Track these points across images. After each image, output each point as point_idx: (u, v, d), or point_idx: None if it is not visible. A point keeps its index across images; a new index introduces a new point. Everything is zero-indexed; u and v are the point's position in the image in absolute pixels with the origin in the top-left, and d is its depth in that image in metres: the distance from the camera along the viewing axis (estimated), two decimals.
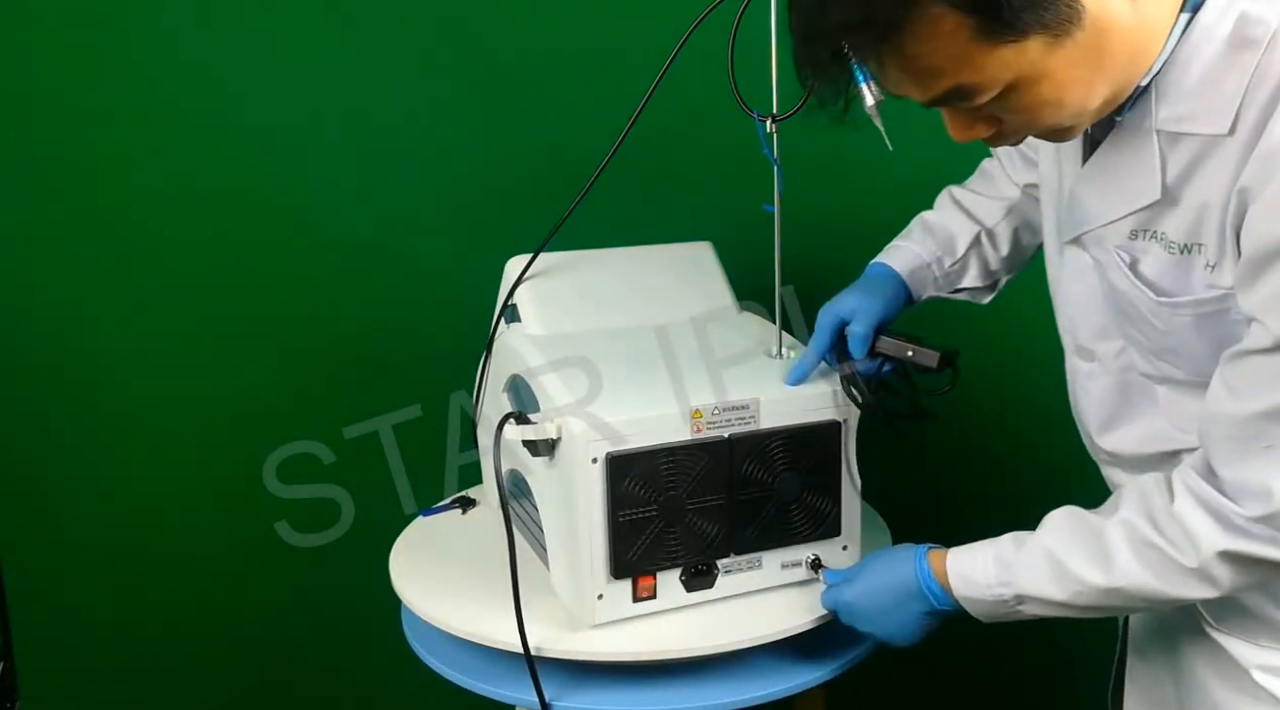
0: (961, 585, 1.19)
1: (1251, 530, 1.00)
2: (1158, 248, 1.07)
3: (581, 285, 1.56)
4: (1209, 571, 1.03)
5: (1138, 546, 1.06)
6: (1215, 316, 1.04)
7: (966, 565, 1.19)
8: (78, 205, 1.77)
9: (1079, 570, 1.10)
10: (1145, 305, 1.09)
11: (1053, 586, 1.12)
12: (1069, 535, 1.12)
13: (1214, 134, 0.99)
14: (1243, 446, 1.00)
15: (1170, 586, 1.05)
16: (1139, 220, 1.08)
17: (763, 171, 1.40)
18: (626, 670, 1.33)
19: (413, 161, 1.83)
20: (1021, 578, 1.14)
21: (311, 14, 1.76)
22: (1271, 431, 0.98)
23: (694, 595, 1.35)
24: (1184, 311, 1.06)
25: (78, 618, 1.90)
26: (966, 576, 1.19)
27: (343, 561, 1.79)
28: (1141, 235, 1.08)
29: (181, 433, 1.85)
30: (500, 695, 1.35)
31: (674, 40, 1.37)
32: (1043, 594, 1.13)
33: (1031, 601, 1.15)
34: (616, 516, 1.28)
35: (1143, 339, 1.13)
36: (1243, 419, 1.00)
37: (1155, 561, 1.05)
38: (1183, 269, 1.05)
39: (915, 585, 1.23)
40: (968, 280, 1.46)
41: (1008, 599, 1.16)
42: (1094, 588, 1.09)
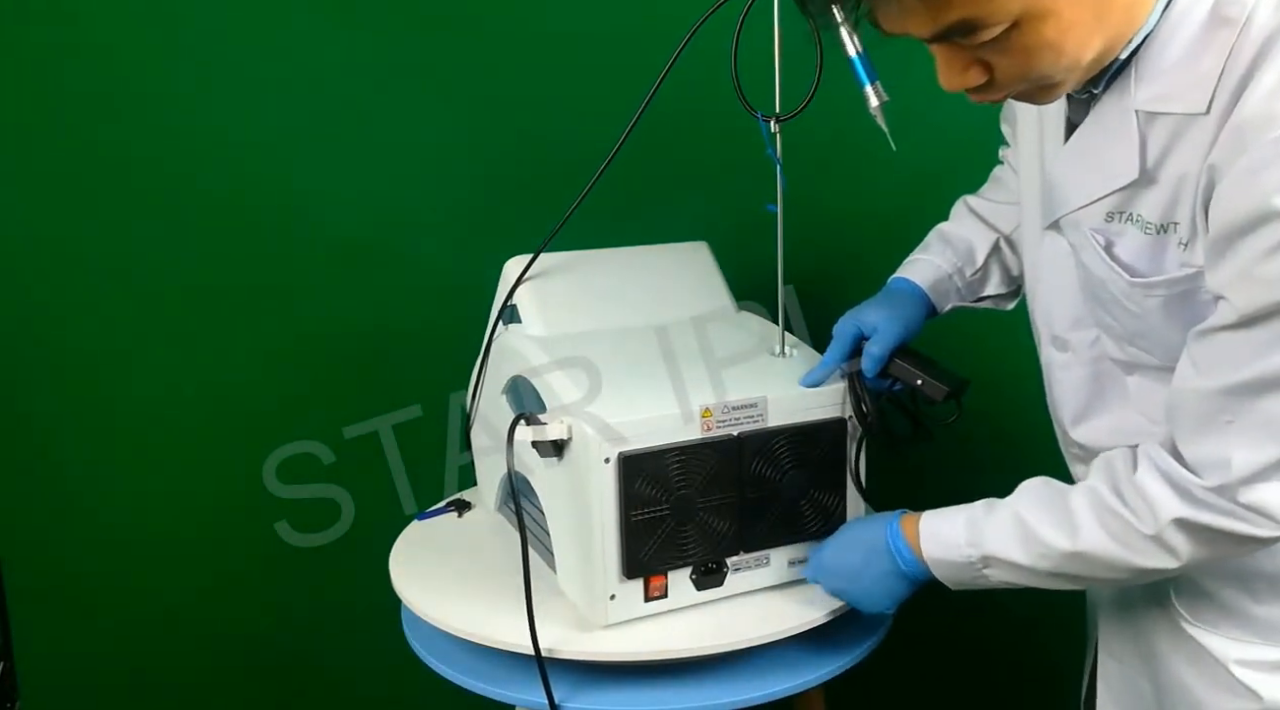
0: (931, 544, 1.22)
1: (1208, 500, 1.02)
2: (1133, 230, 1.07)
3: (582, 285, 1.55)
4: (1166, 540, 1.05)
5: (1100, 512, 1.09)
6: (1186, 297, 1.05)
7: (937, 525, 1.22)
8: (77, 205, 1.76)
9: (1045, 534, 1.12)
10: (1118, 288, 1.10)
11: (1018, 549, 1.14)
12: (1038, 501, 1.15)
13: (1191, 113, 1.00)
14: (1205, 421, 1.02)
15: (1130, 553, 1.07)
16: (1116, 202, 1.08)
17: (763, 171, 1.40)
18: (626, 670, 1.33)
19: (413, 161, 1.83)
20: (989, 539, 1.16)
21: (311, 13, 1.76)
22: (1233, 406, 1.00)
23: (704, 593, 1.36)
24: (1156, 292, 1.07)
25: (78, 618, 1.90)
26: (936, 534, 1.21)
27: (343, 561, 1.79)
28: (1118, 217, 1.09)
29: (181, 433, 1.85)
30: (500, 695, 1.35)
31: (676, 40, 1.37)
32: (1009, 556, 1.15)
33: (997, 565, 1.17)
34: (629, 516, 1.28)
35: (1115, 324, 1.14)
36: (1207, 394, 1.02)
37: (1116, 528, 1.07)
38: (1157, 249, 1.06)
39: (884, 544, 1.26)
40: (990, 288, 1.46)
41: (975, 560, 1.18)
42: (1058, 552, 1.11)
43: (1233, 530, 1.02)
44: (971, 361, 1.44)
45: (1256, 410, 0.99)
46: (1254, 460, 1.00)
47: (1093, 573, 1.12)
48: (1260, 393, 0.99)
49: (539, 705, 1.31)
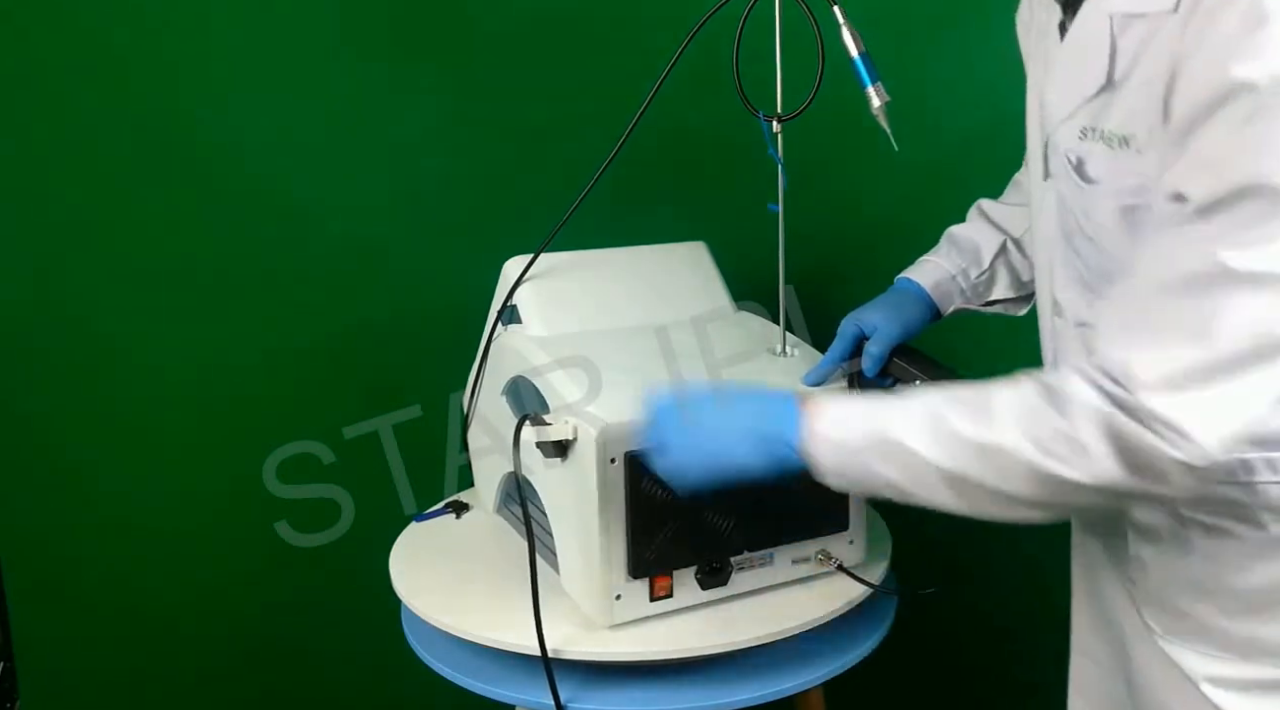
0: (824, 422, 1.08)
1: (1125, 403, 0.95)
2: (1100, 146, 1.06)
3: (582, 285, 1.55)
4: (1085, 441, 0.96)
5: (1022, 407, 1.00)
6: (1137, 212, 1.02)
7: (835, 402, 1.10)
8: (77, 205, 1.76)
9: (957, 423, 1.01)
10: (1080, 206, 1.08)
11: (925, 437, 1.02)
12: (954, 395, 1.05)
13: (1160, 11, 0.97)
14: (1131, 321, 0.97)
15: (1045, 456, 0.97)
16: (1088, 115, 1.07)
17: (763, 171, 1.40)
18: (629, 670, 1.33)
19: (413, 162, 1.83)
20: (894, 420, 1.05)
21: (311, 15, 1.76)
22: (1163, 304, 0.95)
23: (708, 593, 1.36)
24: (1109, 200, 1.05)
25: (78, 618, 1.89)
26: (835, 417, 1.09)
27: (343, 561, 1.78)
28: (1089, 133, 1.07)
29: (182, 432, 1.84)
30: (500, 695, 1.35)
31: (676, 41, 1.37)
32: (912, 443, 1.03)
33: (895, 454, 1.04)
34: (635, 516, 1.29)
35: (1083, 267, 1.12)
36: (1139, 293, 0.97)
37: (1037, 424, 0.98)
38: (1116, 162, 1.04)
39: (761, 393, 1.15)
40: (998, 291, 1.45)
41: (873, 442, 1.05)
42: (970, 444, 1.01)
43: (1145, 443, 0.93)
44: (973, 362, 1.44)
45: (1188, 309, 0.93)
46: (1174, 365, 0.93)
47: (1000, 480, 1.01)
48: (1193, 290, 0.92)
49: (538, 705, 1.31)
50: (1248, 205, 0.90)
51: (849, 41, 1.28)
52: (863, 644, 1.40)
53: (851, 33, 1.29)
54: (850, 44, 1.28)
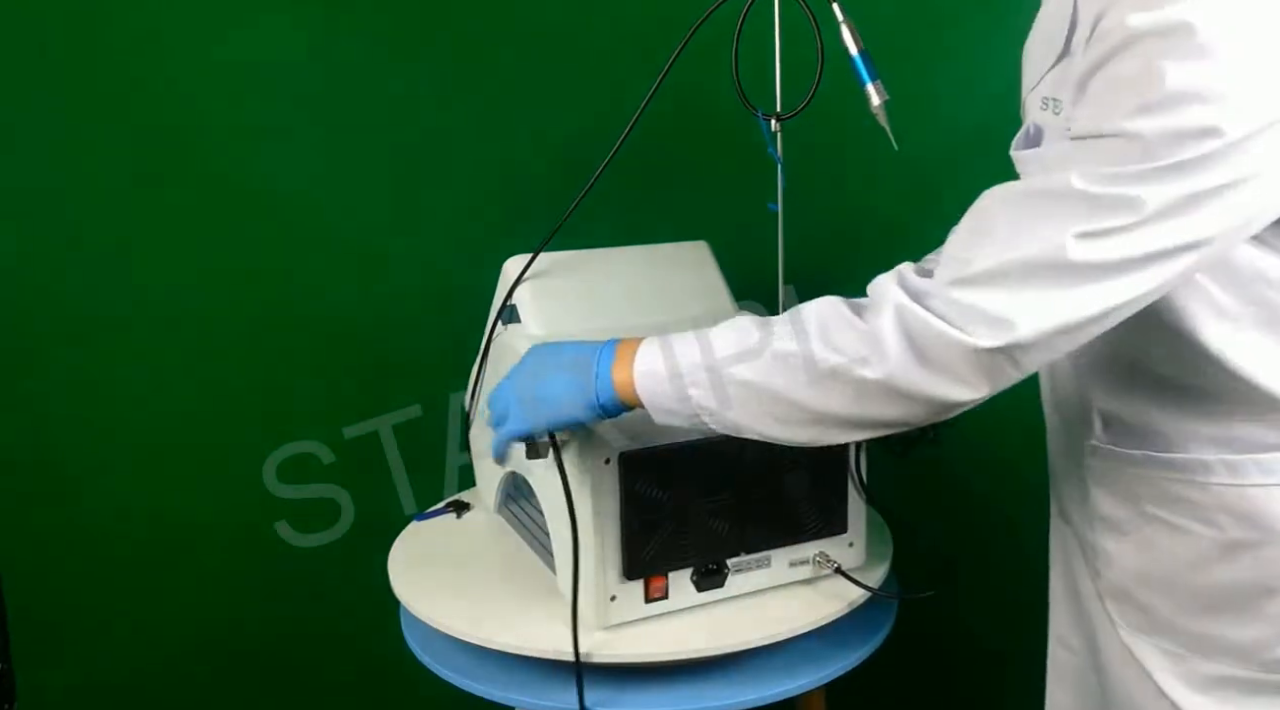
0: (639, 351, 1.12)
1: (929, 291, 0.97)
2: (1053, 117, 1.06)
3: (581, 285, 1.55)
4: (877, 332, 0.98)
5: (825, 311, 1.03)
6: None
7: (656, 338, 1.14)
8: (77, 205, 1.76)
9: (770, 338, 1.04)
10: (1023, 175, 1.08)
11: (734, 349, 1.06)
12: (774, 318, 1.08)
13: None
14: (970, 223, 1.00)
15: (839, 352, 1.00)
16: (1049, 85, 1.07)
17: (763, 171, 1.40)
18: (627, 672, 1.33)
19: (412, 161, 1.82)
20: (713, 339, 1.08)
21: (311, 14, 1.76)
22: (998, 210, 0.97)
23: (705, 595, 1.35)
24: (1030, 165, 1.06)
25: (77, 619, 1.89)
26: (647, 342, 1.13)
27: (343, 561, 1.78)
28: (1050, 104, 1.07)
29: (181, 432, 1.84)
30: (498, 697, 1.35)
31: (676, 39, 1.36)
32: (725, 359, 1.06)
33: (712, 373, 1.06)
34: (630, 517, 1.28)
35: None
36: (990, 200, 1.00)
37: (835, 324, 1.01)
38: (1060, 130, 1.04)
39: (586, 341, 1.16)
40: None
41: (685, 368, 1.08)
42: (776, 354, 1.03)
43: (932, 330, 0.96)
44: None
45: (1021, 214, 0.95)
46: (983, 262, 0.95)
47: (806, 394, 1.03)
48: (1033, 200, 0.95)
49: (537, 706, 1.31)
50: (1114, 143, 0.91)
51: (848, 39, 1.27)
52: (863, 646, 1.40)
53: (850, 30, 1.29)
54: (849, 42, 1.28)
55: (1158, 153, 0.89)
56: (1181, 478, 1.09)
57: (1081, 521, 1.22)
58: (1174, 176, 0.90)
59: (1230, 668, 1.10)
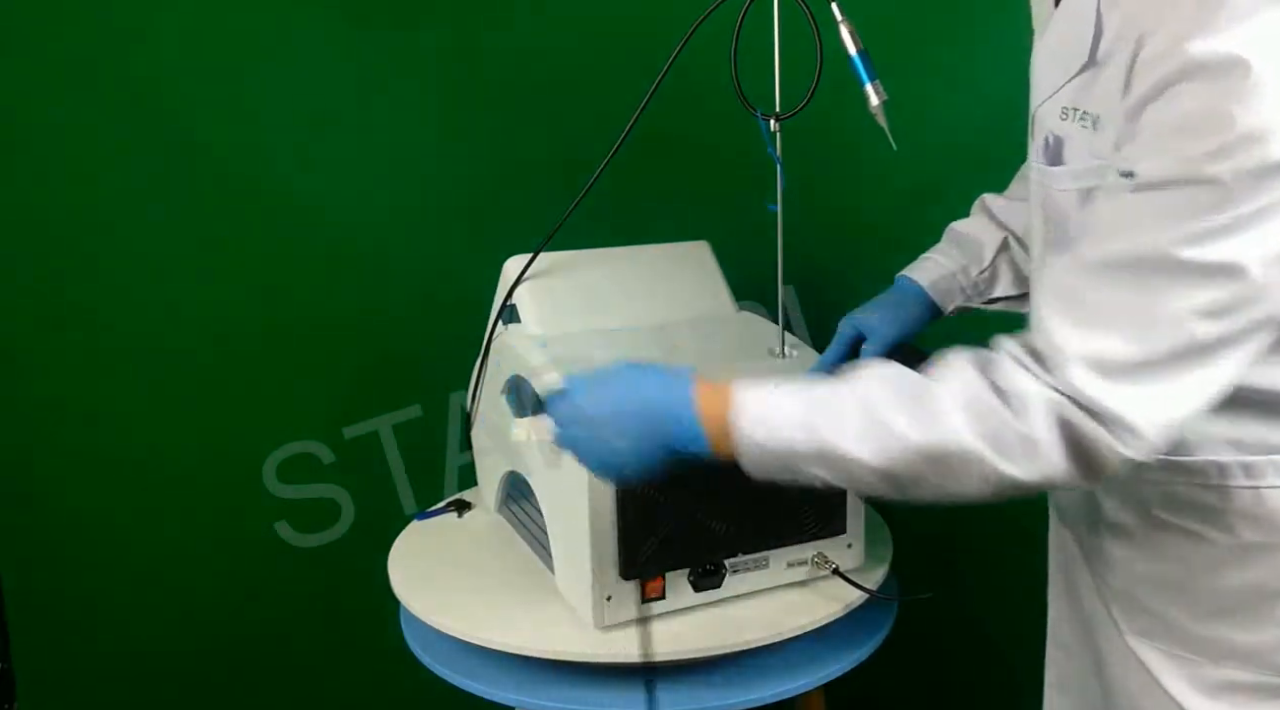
0: (752, 426, 1.01)
1: (1063, 391, 0.93)
2: (1078, 128, 1.04)
3: (582, 285, 1.55)
4: (1036, 438, 0.93)
5: (969, 405, 0.95)
6: (1095, 195, 1.01)
7: (758, 403, 1.02)
8: (76, 205, 1.76)
9: (900, 426, 0.96)
10: (1042, 189, 1.06)
11: (862, 444, 0.97)
12: (890, 388, 0.99)
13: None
14: (1064, 300, 0.95)
15: (994, 454, 0.94)
16: (1069, 95, 1.05)
17: (763, 171, 1.40)
18: (627, 671, 1.33)
19: (412, 161, 1.83)
20: (826, 427, 0.98)
21: (311, 14, 1.76)
22: (1094, 285, 0.93)
23: (702, 595, 1.35)
24: (1067, 181, 1.03)
25: (77, 618, 1.89)
26: (759, 416, 1.01)
27: (343, 561, 1.78)
28: (1070, 114, 1.05)
29: (181, 432, 1.84)
30: (498, 697, 1.35)
31: (675, 39, 1.36)
32: (849, 451, 0.97)
33: (829, 458, 0.99)
34: (626, 517, 1.28)
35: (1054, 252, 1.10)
36: (1071, 267, 0.96)
37: (987, 424, 0.95)
38: (1089, 143, 1.02)
39: (662, 412, 1.04)
40: (1000, 289, 1.42)
41: (801, 452, 0.99)
42: (912, 449, 0.96)
43: (1093, 436, 0.92)
44: None
45: (1128, 295, 0.91)
46: (1098, 348, 0.91)
47: (943, 479, 0.97)
48: (1135, 275, 0.91)
49: (537, 706, 1.31)
50: (1195, 192, 0.89)
51: (847, 39, 1.27)
52: (863, 647, 1.40)
53: (849, 30, 1.29)
54: (848, 42, 1.28)
55: (1240, 198, 0.88)
56: (1195, 482, 1.08)
57: (1083, 526, 1.21)
58: (1261, 222, 0.89)
59: (1240, 672, 1.09)
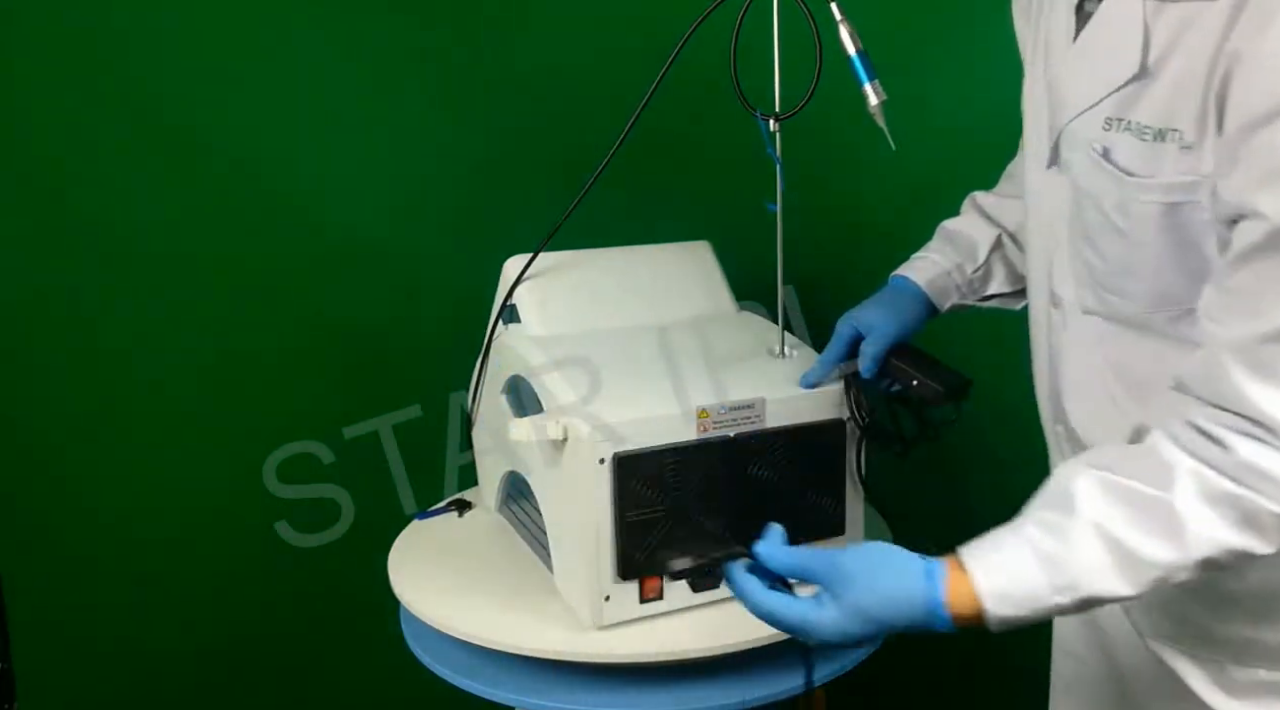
0: (1000, 605, 0.94)
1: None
2: (1130, 138, 1.02)
3: (581, 285, 1.55)
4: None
5: (1216, 503, 0.91)
6: (1183, 209, 0.99)
7: (1002, 579, 0.94)
8: (77, 205, 1.76)
9: (1151, 552, 0.91)
10: (1111, 199, 1.03)
11: (1120, 581, 0.92)
12: (1122, 511, 0.93)
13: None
14: (1265, 372, 0.90)
15: (1254, 540, 0.91)
16: (1114, 105, 1.03)
17: (763, 171, 1.40)
18: (624, 672, 1.33)
19: (412, 161, 1.83)
20: (1080, 578, 0.93)
21: (312, 14, 1.76)
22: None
23: (700, 595, 1.35)
24: (1151, 195, 1.00)
25: (77, 618, 1.90)
26: (1005, 593, 0.94)
27: (343, 561, 1.78)
28: (1115, 124, 1.03)
29: (181, 432, 1.85)
30: (499, 697, 1.35)
31: (674, 39, 1.36)
32: (1111, 591, 0.92)
33: (1092, 603, 0.94)
34: (624, 517, 1.28)
35: (1100, 261, 1.08)
36: (1256, 339, 0.90)
37: (1241, 514, 0.91)
38: (1154, 156, 0.99)
39: (921, 615, 0.96)
40: (994, 286, 1.43)
41: (1065, 605, 0.94)
42: (1172, 568, 0.92)
43: None
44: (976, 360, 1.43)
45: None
46: None
47: (1203, 575, 0.94)
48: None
49: (537, 706, 1.31)
50: None
51: (846, 39, 1.27)
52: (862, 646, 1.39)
53: (849, 30, 1.29)
54: (847, 42, 1.28)
55: None
56: None
57: None
58: None
59: (1266, 671, 1.09)
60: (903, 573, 0.97)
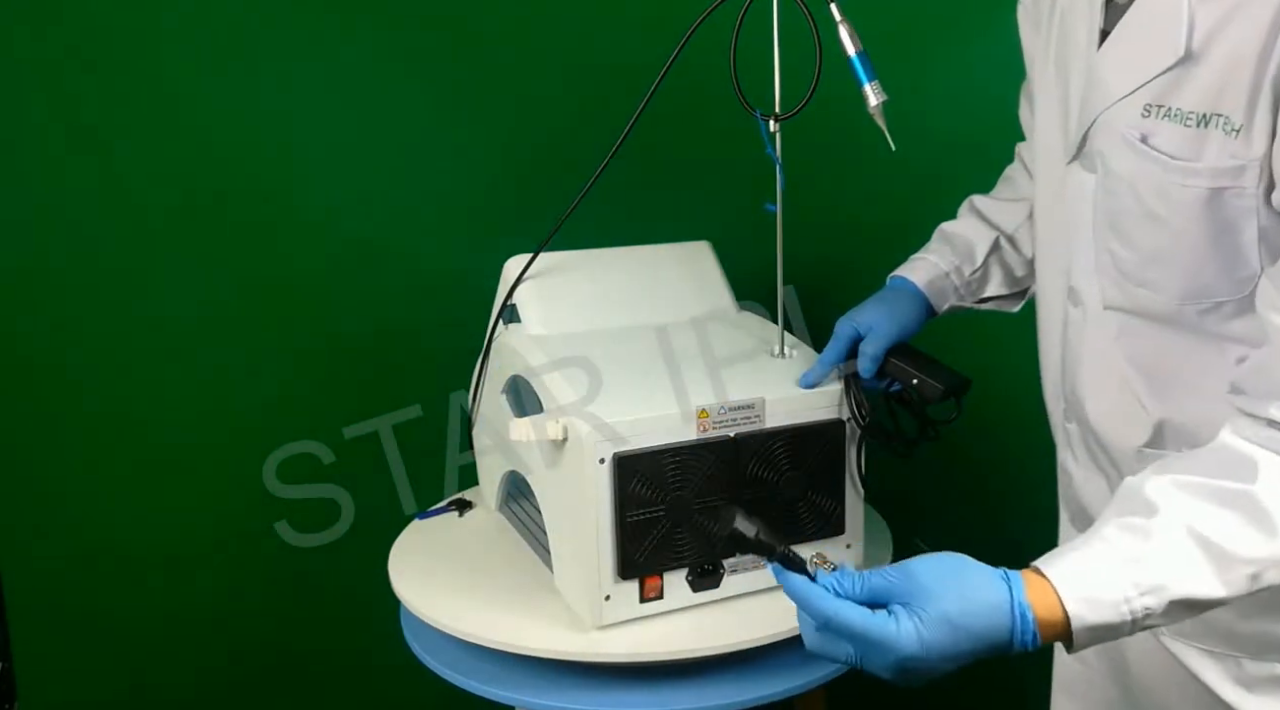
0: (1087, 611, 0.88)
1: None
2: (1170, 124, 1.01)
3: (582, 285, 1.56)
4: None
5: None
6: (1225, 195, 0.98)
7: (1084, 585, 0.89)
8: (77, 205, 1.76)
9: (1243, 549, 0.87)
10: (1150, 185, 1.02)
11: (1214, 580, 0.88)
12: (1208, 508, 0.89)
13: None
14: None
15: None
16: (1154, 92, 1.02)
17: (763, 171, 1.40)
18: (624, 671, 1.33)
19: (413, 161, 1.83)
20: (1169, 580, 0.88)
21: (312, 14, 1.76)
22: None
23: (700, 595, 1.35)
24: (1198, 179, 0.99)
25: (77, 618, 1.89)
26: (1092, 599, 0.88)
27: (343, 561, 1.78)
28: (1154, 111, 1.02)
29: (182, 432, 1.84)
30: (499, 696, 1.35)
31: (674, 39, 1.36)
32: (1204, 593, 0.88)
33: (1182, 608, 0.89)
34: (624, 517, 1.28)
35: (1129, 254, 1.07)
36: None
37: None
38: (1197, 142, 0.99)
39: (1006, 620, 0.90)
40: (992, 288, 1.43)
41: (1154, 611, 0.88)
42: (1268, 562, 0.88)
43: None
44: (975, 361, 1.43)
45: None
46: None
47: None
48: None
49: (537, 705, 1.31)
50: None
51: (846, 40, 1.27)
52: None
53: (849, 31, 1.29)
54: (847, 42, 1.28)
55: None
56: None
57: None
58: None
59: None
60: (981, 574, 0.92)
